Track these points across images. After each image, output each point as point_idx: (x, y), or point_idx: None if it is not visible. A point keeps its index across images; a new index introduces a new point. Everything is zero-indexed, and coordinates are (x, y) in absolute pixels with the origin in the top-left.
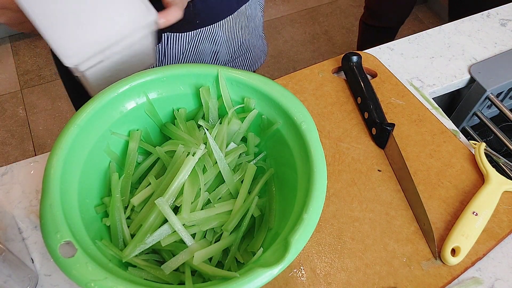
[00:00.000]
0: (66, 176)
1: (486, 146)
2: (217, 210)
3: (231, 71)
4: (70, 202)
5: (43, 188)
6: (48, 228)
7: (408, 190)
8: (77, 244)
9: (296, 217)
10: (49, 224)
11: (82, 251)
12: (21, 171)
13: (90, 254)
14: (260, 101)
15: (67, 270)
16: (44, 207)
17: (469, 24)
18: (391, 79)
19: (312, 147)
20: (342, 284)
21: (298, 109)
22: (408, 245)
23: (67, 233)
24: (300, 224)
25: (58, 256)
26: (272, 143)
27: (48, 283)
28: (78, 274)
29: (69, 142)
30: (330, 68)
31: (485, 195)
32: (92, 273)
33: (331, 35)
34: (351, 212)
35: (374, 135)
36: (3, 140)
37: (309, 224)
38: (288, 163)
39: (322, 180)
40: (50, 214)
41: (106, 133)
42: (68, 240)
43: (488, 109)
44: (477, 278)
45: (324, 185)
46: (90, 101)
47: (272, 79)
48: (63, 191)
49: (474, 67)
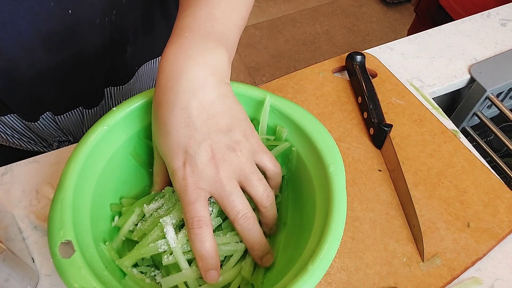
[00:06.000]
0: (85, 173)
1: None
2: (223, 239)
3: (279, 100)
4: (83, 199)
5: (60, 182)
6: (54, 223)
7: (400, 191)
8: (77, 246)
9: (301, 265)
10: (56, 218)
11: (80, 253)
12: (21, 171)
13: (88, 258)
14: (292, 131)
15: (60, 269)
16: (56, 201)
17: (469, 24)
18: (391, 79)
19: (335, 193)
20: (342, 284)
21: (330, 148)
22: (408, 245)
23: (70, 231)
24: (303, 275)
25: (56, 253)
26: (297, 174)
27: (48, 283)
28: (68, 277)
29: (95, 140)
30: (331, 68)
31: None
32: (82, 279)
33: (332, 35)
34: (351, 212)
35: (372, 135)
36: None
37: (312, 275)
38: (307, 201)
39: (338, 231)
40: (59, 209)
41: (133, 136)
42: (69, 240)
43: (488, 109)
44: (477, 278)
45: (338, 238)
46: (127, 102)
47: (273, 79)
48: (78, 187)
49: (474, 67)
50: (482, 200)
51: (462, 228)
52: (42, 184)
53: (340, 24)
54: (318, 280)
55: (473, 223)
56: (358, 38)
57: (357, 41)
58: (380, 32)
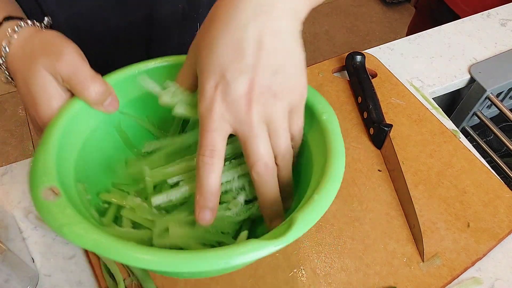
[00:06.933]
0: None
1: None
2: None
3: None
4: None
5: (44, 136)
6: (37, 170)
7: (400, 191)
8: (62, 190)
9: (307, 198)
10: (39, 166)
11: (65, 198)
12: (21, 171)
13: (73, 203)
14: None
15: (43, 211)
16: (39, 152)
17: (469, 24)
18: (391, 79)
19: (332, 136)
20: (342, 284)
21: (319, 100)
22: (408, 245)
23: (54, 178)
24: (309, 203)
25: (38, 197)
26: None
27: (48, 283)
28: (51, 217)
29: (79, 105)
30: (331, 68)
31: None
32: (68, 216)
33: (332, 35)
34: (351, 212)
35: (372, 135)
36: (3, 140)
37: (319, 205)
38: (302, 152)
39: (340, 165)
40: (43, 158)
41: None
42: (54, 186)
43: (488, 109)
44: (477, 278)
45: (341, 171)
46: (113, 73)
47: None
48: (61, 146)
49: (474, 67)
50: (482, 200)
51: (462, 228)
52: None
53: (340, 24)
54: (325, 208)
55: (473, 223)
56: (357, 38)
57: (357, 41)
58: (379, 32)
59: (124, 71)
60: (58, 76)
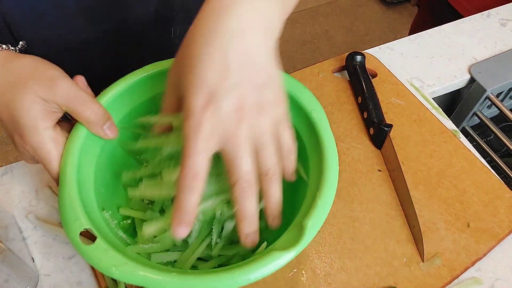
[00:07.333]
0: (82, 165)
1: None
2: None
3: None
4: (87, 189)
5: (61, 178)
6: (67, 217)
7: (400, 191)
8: (97, 232)
9: (309, 203)
10: (68, 212)
11: (101, 238)
12: (21, 171)
13: (109, 241)
14: None
15: (89, 256)
16: (63, 197)
17: (469, 24)
18: (391, 79)
19: (324, 135)
20: (342, 284)
21: (308, 98)
22: (408, 245)
23: (86, 221)
24: (314, 209)
25: (78, 244)
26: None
27: (48, 283)
28: (99, 260)
29: (83, 133)
30: (330, 68)
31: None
32: (112, 258)
33: (331, 35)
34: (351, 212)
35: (372, 135)
36: (3, 140)
37: (322, 209)
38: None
39: (334, 166)
40: (69, 202)
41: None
42: (88, 228)
43: (488, 109)
44: (477, 278)
45: (336, 171)
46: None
47: None
48: (80, 180)
49: (474, 67)
50: (482, 200)
51: (462, 228)
52: (42, 184)
53: (339, 24)
54: (327, 211)
55: (473, 223)
56: (357, 38)
57: (356, 41)
58: (379, 32)
59: (112, 90)
60: (51, 102)
